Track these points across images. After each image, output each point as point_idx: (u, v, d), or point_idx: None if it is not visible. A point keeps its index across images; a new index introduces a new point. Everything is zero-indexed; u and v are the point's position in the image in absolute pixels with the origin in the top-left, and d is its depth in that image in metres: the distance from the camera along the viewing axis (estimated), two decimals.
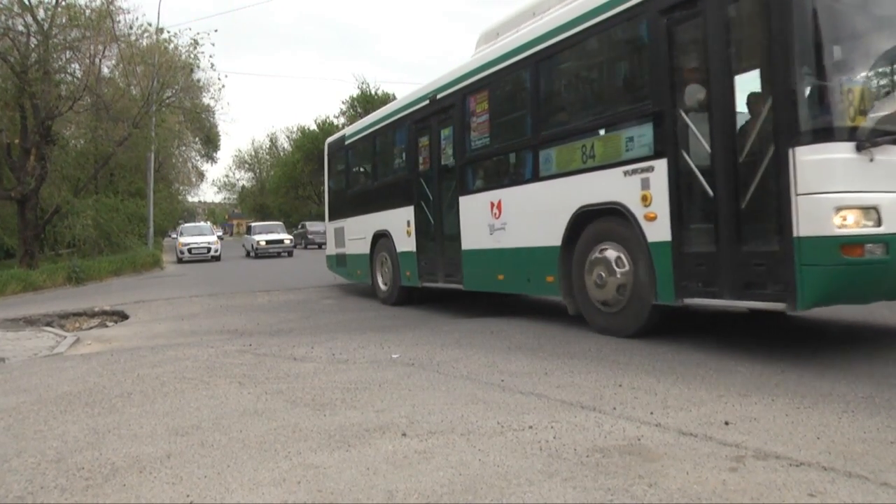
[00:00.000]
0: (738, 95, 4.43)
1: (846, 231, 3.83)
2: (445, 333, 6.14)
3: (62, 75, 19.49)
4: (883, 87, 4.46)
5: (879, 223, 3.88)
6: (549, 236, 6.01)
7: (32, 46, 18.39)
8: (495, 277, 6.93)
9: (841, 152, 3.88)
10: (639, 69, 5.34)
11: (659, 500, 2.25)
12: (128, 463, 2.87)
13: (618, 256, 5.31)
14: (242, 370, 4.77)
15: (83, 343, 7.19)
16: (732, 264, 4.35)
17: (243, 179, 73.61)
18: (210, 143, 43.35)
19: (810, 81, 4.02)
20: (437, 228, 8.09)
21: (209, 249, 26.47)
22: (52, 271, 16.68)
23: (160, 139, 25.60)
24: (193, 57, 22.32)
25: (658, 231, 4.85)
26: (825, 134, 3.92)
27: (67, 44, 18.93)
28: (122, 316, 9.76)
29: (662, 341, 5.15)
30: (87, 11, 18.51)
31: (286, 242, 28.43)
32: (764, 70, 4.44)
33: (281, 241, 28.35)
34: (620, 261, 5.28)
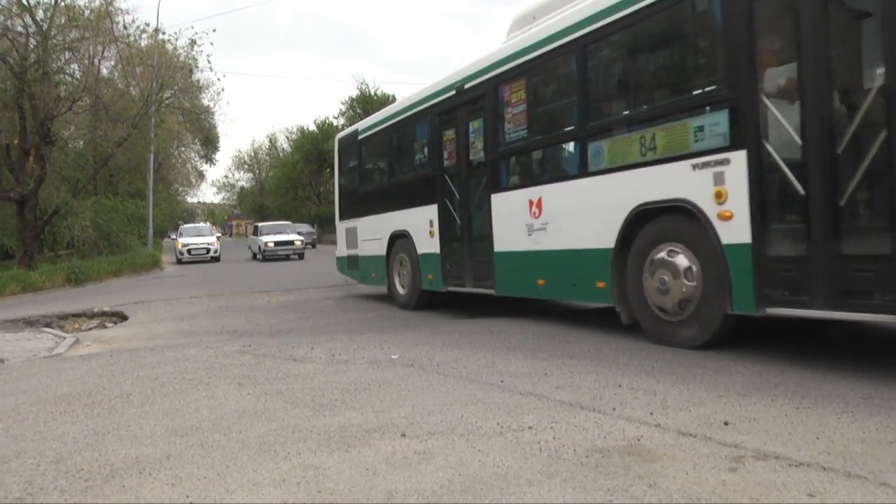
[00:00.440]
0: (834, 79, 3.92)
1: None
2: (445, 334, 6.14)
3: (61, 76, 19.49)
4: None
5: None
6: (600, 237, 5.46)
7: (31, 47, 18.39)
8: (534, 282, 6.34)
9: None
10: (712, 50, 4.76)
11: (658, 501, 2.25)
12: (127, 464, 2.87)
13: (684, 260, 4.80)
14: (242, 371, 4.77)
15: (82, 344, 7.19)
16: (829, 270, 3.85)
17: (243, 180, 73.68)
18: (209, 144, 43.39)
19: None
20: (465, 229, 7.53)
21: (209, 250, 26.49)
22: (52, 272, 16.68)
23: (159, 140, 25.60)
24: (192, 57, 22.35)
25: (734, 231, 4.35)
26: None
27: (66, 44, 18.94)
28: (122, 317, 9.76)
29: (662, 341, 5.15)
30: (87, 12, 18.54)
31: (297, 244, 26.67)
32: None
33: (291, 243, 26.62)
34: (687, 264, 4.77)
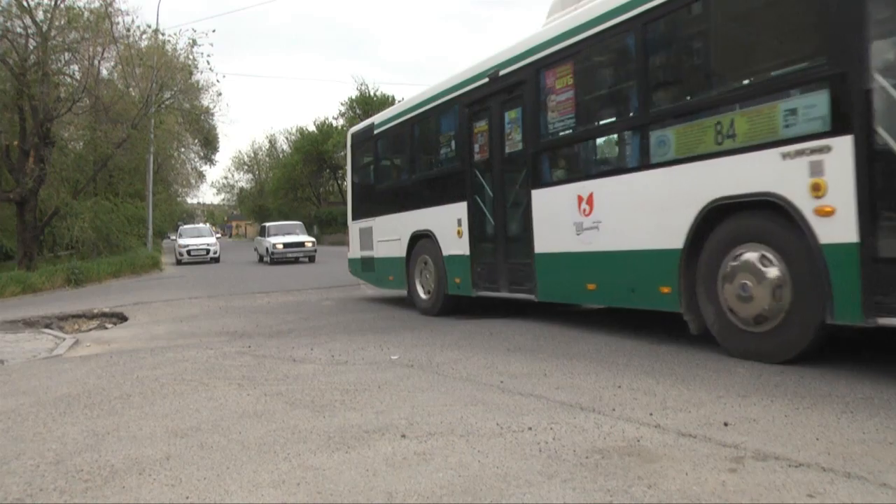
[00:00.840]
0: None
1: None
2: (444, 335, 6.14)
3: (61, 77, 19.51)
4: None
5: None
6: (666, 237, 4.89)
7: (31, 48, 18.41)
8: (583, 287, 5.75)
9: None
10: (809, 17, 4.14)
11: (658, 501, 2.25)
12: (127, 465, 2.87)
13: (770, 262, 4.22)
14: (242, 372, 4.77)
15: (82, 345, 7.18)
16: None
17: (242, 181, 73.73)
18: (209, 145, 43.37)
19: None
20: (499, 228, 6.94)
21: (208, 251, 26.49)
22: (51, 273, 16.67)
23: (159, 141, 25.62)
24: (192, 58, 22.36)
25: (836, 229, 3.80)
26: None
27: (66, 45, 18.96)
28: (122, 318, 9.75)
29: (662, 342, 5.15)
30: (86, 13, 18.54)
31: (308, 245, 24.46)
32: None
33: (301, 244, 24.39)
34: (774, 268, 4.20)
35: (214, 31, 76.28)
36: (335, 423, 3.33)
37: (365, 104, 50.29)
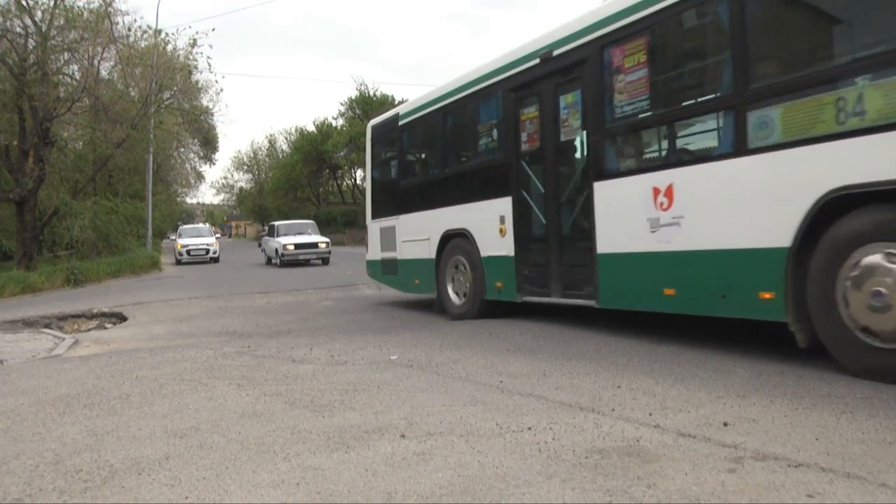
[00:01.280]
0: None
1: None
2: (444, 335, 6.14)
3: (60, 77, 19.51)
4: None
5: None
6: (769, 234, 4.24)
7: (31, 48, 18.40)
8: (658, 292, 5.08)
9: None
10: None
11: (657, 501, 2.25)
12: (126, 465, 2.86)
13: None
14: (241, 372, 4.77)
15: (81, 345, 7.18)
16: None
17: (242, 181, 73.77)
18: (208, 145, 43.42)
19: None
20: (552, 226, 6.27)
21: (208, 251, 26.48)
22: (51, 273, 16.67)
23: (158, 141, 25.64)
24: (192, 58, 22.37)
25: None
26: None
27: (66, 45, 18.96)
28: (121, 318, 9.76)
29: (661, 342, 5.16)
30: (85, 13, 18.54)
31: (322, 246, 22.09)
32: None
33: (314, 245, 22.05)
34: None
35: (214, 31, 76.27)
36: (334, 424, 3.33)
37: (365, 104, 50.33)
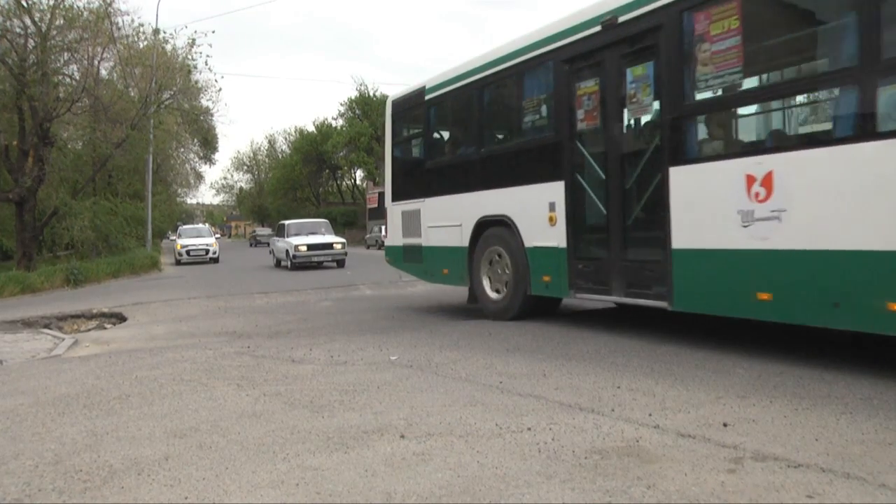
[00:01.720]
0: None
1: None
2: (443, 335, 6.14)
3: (60, 77, 19.52)
4: None
5: None
6: None
7: (30, 48, 18.40)
8: (750, 296, 4.42)
9: None
10: None
11: (657, 502, 2.25)
12: (126, 465, 2.86)
13: None
14: (241, 372, 4.77)
15: (81, 345, 7.18)
16: None
17: (242, 181, 73.83)
18: (208, 145, 43.42)
19: None
20: (614, 215, 5.56)
21: (207, 251, 26.47)
22: (50, 273, 16.66)
23: (158, 141, 25.65)
24: (191, 58, 22.38)
25: None
26: None
27: (65, 45, 18.97)
28: (121, 318, 9.75)
29: (661, 342, 5.16)
30: (85, 13, 18.54)
31: (337, 247, 19.96)
32: None
33: (329, 246, 19.86)
34: None
35: (214, 32, 76.16)
36: (334, 424, 3.33)
37: (364, 104, 50.36)
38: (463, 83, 7.52)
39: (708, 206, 4.70)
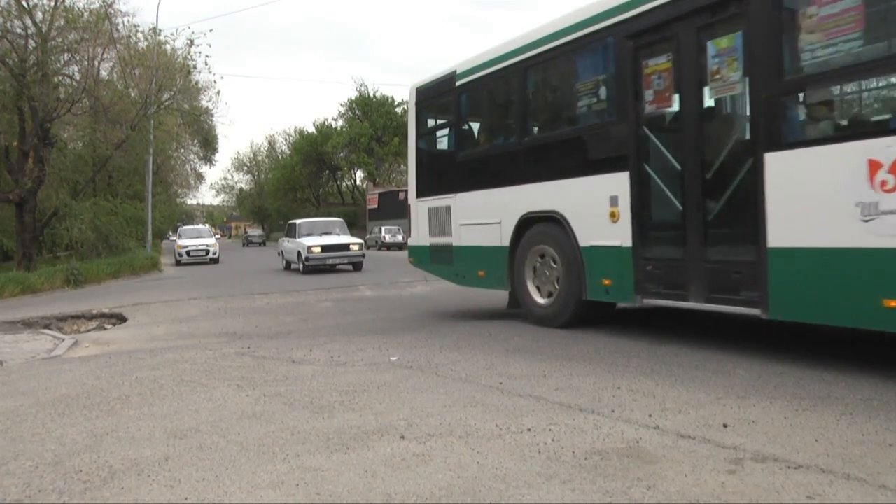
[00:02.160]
0: None
1: None
2: (443, 336, 6.14)
3: (60, 78, 19.52)
4: None
5: None
6: None
7: (31, 49, 18.41)
8: (873, 304, 3.79)
9: None
10: None
11: (657, 502, 2.25)
12: (126, 466, 2.87)
13: None
14: (241, 373, 4.77)
15: (81, 346, 7.18)
16: None
17: (242, 182, 73.87)
18: (208, 146, 43.50)
19: None
20: (692, 209, 4.91)
21: (207, 252, 26.47)
22: (50, 274, 16.65)
23: (158, 142, 25.65)
24: (191, 58, 22.37)
25: None
26: None
27: (66, 46, 18.99)
28: (121, 318, 9.75)
29: (661, 343, 5.16)
30: (86, 14, 18.56)
31: (354, 248, 18.12)
32: None
33: (345, 247, 18.06)
34: None
35: (212, 31, 76.06)
36: (334, 425, 3.33)
37: (364, 105, 50.44)
38: (502, 66, 6.86)
39: (816, 198, 4.06)
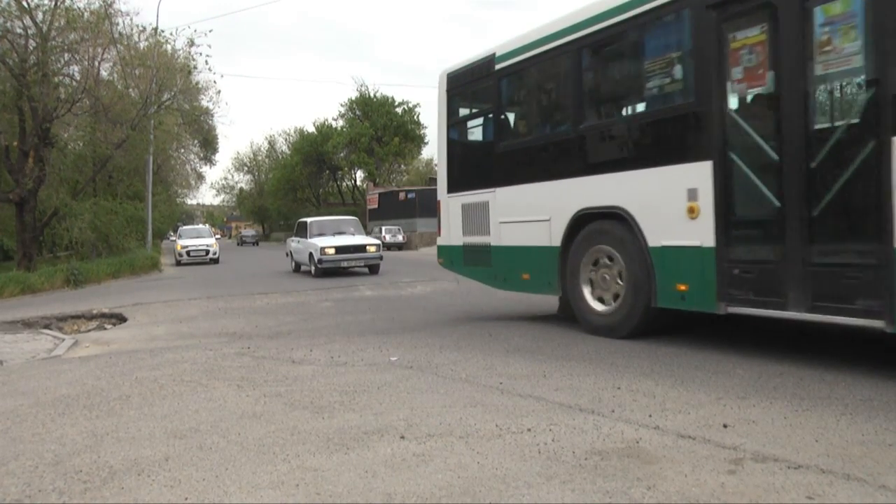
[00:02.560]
0: None
1: None
2: (443, 336, 6.14)
3: (61, 78, 19.51)
4: None
5: None
6: None
7: (31, 49, 18.41)
8: None
9: None
10: None
11: (657, 503, 2.25)
12: (126, 466, 2.87)
13: None
14: (241, 373, 4.77)
15: (81, 346, 7.18)
16: None
17: (242, 182, 73.85)
18: (208, 146, 43.48)
19: None
20: (793, 204, 4.24)
21: (207, 252, 26.47)
22: (51, 274, 16.65)
23: (158, 142, 25.63)
24: (191, 58, 22.37)
25: None
26: None
27: (66, 46, 18.97)
28: (121, 318, 9.74)
29: (661, 343, 5.16)
30: (86, 14, 18.55)
31: (370, 250, 16.74)
32: None
33: (361, 248, 16.69)
34: None
35: (212, 31, 75.96)
36: (334, 425, 3.33)
37: (364, 105, 50.43)
38: (551, 45, 6.20)
39: None
